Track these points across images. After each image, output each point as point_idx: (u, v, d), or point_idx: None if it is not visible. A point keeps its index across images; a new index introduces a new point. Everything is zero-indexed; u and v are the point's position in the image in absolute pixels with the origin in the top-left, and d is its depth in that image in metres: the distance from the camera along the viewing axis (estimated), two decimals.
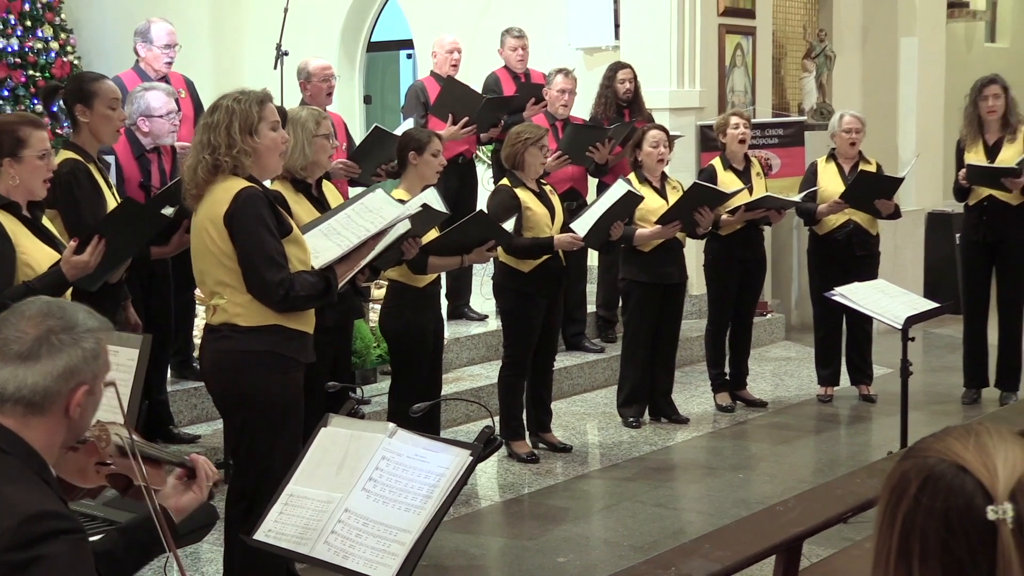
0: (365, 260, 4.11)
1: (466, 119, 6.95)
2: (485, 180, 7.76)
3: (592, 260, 7.65)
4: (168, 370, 5.90)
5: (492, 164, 7.62)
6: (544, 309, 5.93)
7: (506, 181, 5.90)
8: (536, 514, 5.37)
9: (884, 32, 9.83)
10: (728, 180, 6.70)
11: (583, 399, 7.24)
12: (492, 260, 5.92)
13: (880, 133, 9.04)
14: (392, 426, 2.65)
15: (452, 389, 6.55)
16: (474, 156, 7.67)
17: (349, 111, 10.51)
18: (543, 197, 5.93)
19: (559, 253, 5.92)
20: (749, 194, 6.67)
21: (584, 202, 6.99)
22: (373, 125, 6.50)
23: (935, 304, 5.62)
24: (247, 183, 3.67)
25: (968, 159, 6.72)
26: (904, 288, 5.92)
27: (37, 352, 2.05)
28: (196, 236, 3.75)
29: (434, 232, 5.24)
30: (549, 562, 4.74)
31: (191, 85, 6.39)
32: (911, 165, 7.61)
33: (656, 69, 8.20)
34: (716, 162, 6.88)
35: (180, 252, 4.68)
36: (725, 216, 6.62)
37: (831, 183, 6.92)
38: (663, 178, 6.51)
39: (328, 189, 4.95)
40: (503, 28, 7.79)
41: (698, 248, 7.21)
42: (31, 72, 10.00)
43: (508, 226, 5.56)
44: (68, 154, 4.57)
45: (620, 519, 5.26)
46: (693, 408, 6.96)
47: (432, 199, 5.04)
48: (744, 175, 6.80)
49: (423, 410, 3.22)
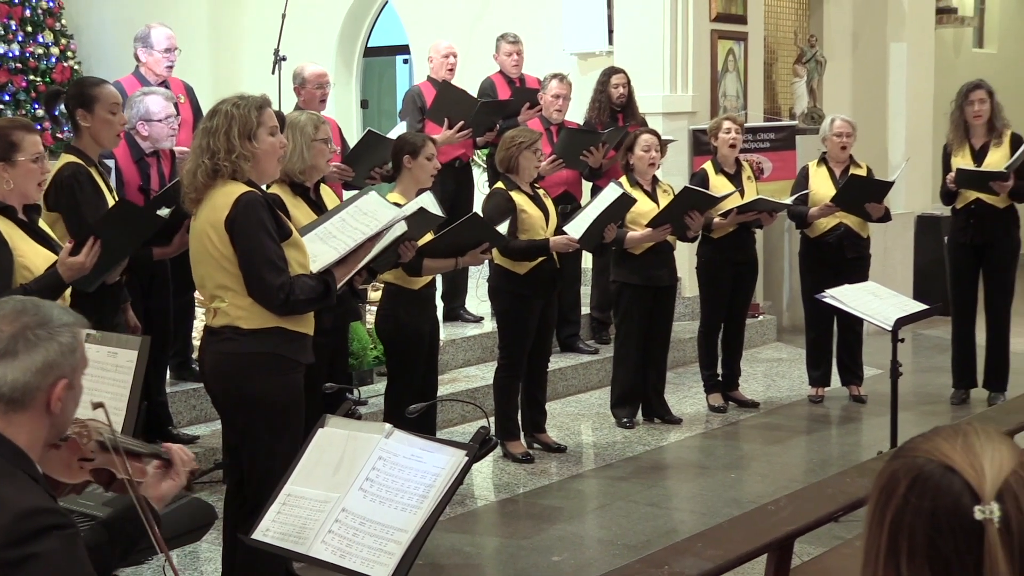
0: (362, 263, 4.13)
1: (462, 123, 6.99)
2: (481, 184, 7.80)
3: (586, 262, 7.69)
4: (167, 371, 5.94)
5: (488, 168, 7.67)
6: (539, 311, 5.98)
7: (501, 184, 5.96)
8: (531, 513, 5.40)
9: (874, 38, 9.86)
10: (719, 184, 6.75)
11: (577, 400, 7.28)
12: (487, 262, 5.96)
13: (870, 137, 9.08)
14: (388, 427, 2.66)
15: (448, 390, 6.59)
16: (471, 160, 7.70)
17: (346, 116, 10.56)
18: (537, 200, 5.98)
19: (554, 255, 5.95)
20: (740, 197, 6.73)
21: (578, 205, 7.03)
22: (367, 129, 6.55)
23: (924, 306, 5.64)
24: (247, 187, 3.69)
25: (955, 163, 6.76)
26: (894, 290, 5.95)
27: (14, 348, 2.06)
28: (196, 241, 3.76)
29: (430, 235, 5.28)
30: (544, 561, 4.78)
31: (190, 90, 6.41)
32: (901, 169, 7.64)
33: (649, 74, 8.23)
34: (708, 166, 6.92)
35: (179, 254, 4.70)
36: (717, 219, 6.65)
37: (822, 187, 6.97)
38: (654, 182, 6.56)
39: (326, 193, 4.98)
40: (498, 34, 7.84)
41: (690, 251, 7.26)
42: (32, 77, 10.03)
43: (503, 229, 5.60)
44: (69, 158, 4.60)
45: (614, 518, 5.29)
46: (686, 409, 7.00)
47: (428, 203, 5.07)
48: (735, 179, 6.84)
49: (419, 411, 3.26)
